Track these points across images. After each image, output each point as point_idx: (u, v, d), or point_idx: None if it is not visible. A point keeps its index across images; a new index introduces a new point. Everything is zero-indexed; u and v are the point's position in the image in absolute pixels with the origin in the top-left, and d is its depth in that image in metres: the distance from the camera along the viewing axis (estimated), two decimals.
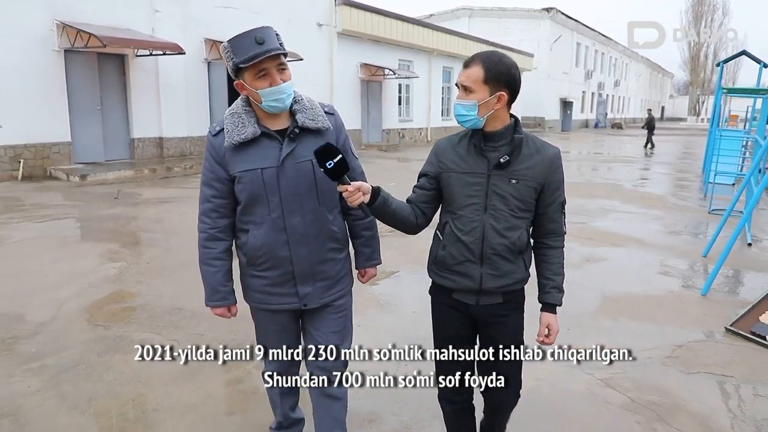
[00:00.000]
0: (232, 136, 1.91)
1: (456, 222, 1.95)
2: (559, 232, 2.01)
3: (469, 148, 1.93)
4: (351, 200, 1.79)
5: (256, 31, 1.81)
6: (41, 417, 2.79)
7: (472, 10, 38.28)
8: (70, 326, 3.93)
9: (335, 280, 2.11)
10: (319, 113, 2.00)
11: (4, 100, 10.23)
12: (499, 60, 1.85)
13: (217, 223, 2.02)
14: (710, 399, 3.13)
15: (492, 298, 1.97)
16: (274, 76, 1.85)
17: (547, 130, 36.92)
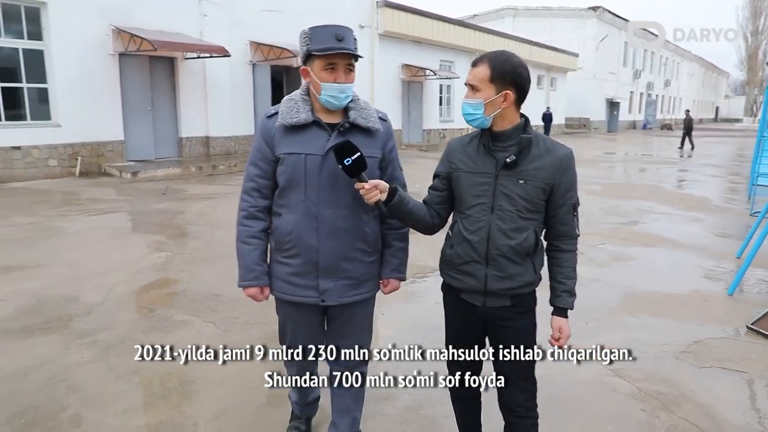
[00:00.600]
0: (285, 117, 1.97)
1: (464, 222, 1.96)
2: (571, 234, 1.98)
3: (478, 148, 1.94)
4: (367, 198, 1.84)
5: (339, 28, 1.89)
6: (92, 384, 3.12)
7: (517, 10, 37.96)
8: (119, 307, 4.30)
9: (359, 282, 2.11)
10: (373, 114, 2.05)
11: (65, 101, 10.93)
12: (505, 59, 1.85)
13: (258, 202, 2.06)
14: (719, 392, 3.20)
15: (499, 300, 1.95)
16: (340, 73, 1.91)
17: (593, 131, 36.26)
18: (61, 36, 10.69)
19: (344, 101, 1.97)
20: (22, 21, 10.43)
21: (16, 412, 2.81)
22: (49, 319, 4.03)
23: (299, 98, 2.01)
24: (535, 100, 28.84)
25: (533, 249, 1.92)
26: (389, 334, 3.93)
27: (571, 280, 1.98)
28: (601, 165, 16.35)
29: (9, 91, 10.49)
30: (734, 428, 2.83)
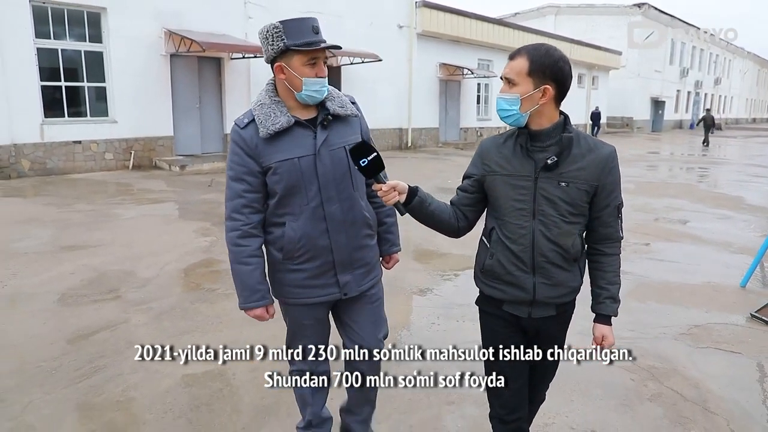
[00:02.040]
0: (265, 126, 1.88)
1: (503, 229, 1.84)
2: (614, 237, 1.87)
3: (515, 148, 1.82)
4: (386, 199, 1.76)
5: (311, 20, 1.84)
6: (147, 341, 3.56)
7: (559, 8, 37.59)
8: (169, 282, 4.83)
9: (370, 267, 2.11)
10: (346, 101, 2.02)
11: (121, 99, 11.72)
12: (546, 52, 1.74)
13: (250, 219, 1.95)
14: (709, 368, 3.46)
15: (545, 311, 1.87)
16: (321, 67, 1.87)
17: (636, 131, 35.63)
18: (118, 38, 11.48)
19: (323, 96, 1.93)
20: (85, 25, 11.26)
21: (86, 360, 3.33)
22: (110, 289, 4.59)
23: (270, 101, 1.93)
24: (575, 99, 28.62)
25: (580, 254, 1.86)
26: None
27: (614, 286, 1.88)
28: (638, 164, 16.25)
29: (71, 90, 11.34)
30: (717, 399, 3.09)
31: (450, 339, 3.78)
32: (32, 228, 6.69)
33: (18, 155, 10.45)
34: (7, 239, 6.10)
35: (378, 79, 16.97)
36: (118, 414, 2.79)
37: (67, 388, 3.00)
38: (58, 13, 10.87)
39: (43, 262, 5.30)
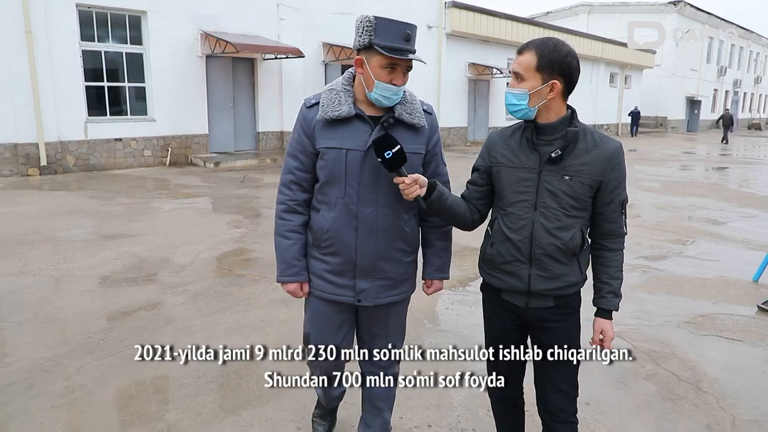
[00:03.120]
0: (326, 110, 1.88)
1: (504, 219, 1.87)
2: (618, 233, 1.88)
3: (521, 141, 1.85)
4: (407, 193, 1.78)
5: (407, 26, 1.79)
6: (183, 318, 3.98)
7: (592, 6, 37.15)
8: (203, 268, 5.19)
9: (396, 282, 2.04)
10: (418, 110, 1.96)
11: (159, 98, 12.27)
12: (554, 47, 1.74)
13: (297, 195, 1.98)
14: (708, 353, 3.63)
15: (542, 301, 1.87)
16: (399, 75, 1.84)
17: (670, 131, 35.01)
18: (157, 40, 12.01)
19: (394, 102, 1.89)
20: (126, 28, 11.83)
21: (129, 333, 3.70)
22: (149, 273, 4.98)
23: (341, 88, 1.93)
24: (607, 99, 28.33)
25: (579, 248, 1.85)
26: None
27: (616, 281, 1.89)
28: (667, 163, 16.12)
29: (113, 89, 11.92)
30: (711, 380, 3.27)
31: (462, 322, 4.03)
32: (78, 219, 7.17)
33: (64, 152, 11.05)
34: (55, 228, 6.58)
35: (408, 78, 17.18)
36: (159, 378, 3.13)
37: (113, 356, 3.36)
38: (101, 16, 11.46)
39: (89, 249, 5.74)
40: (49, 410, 2.76)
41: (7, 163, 10.43)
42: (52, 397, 2.87)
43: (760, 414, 2.92)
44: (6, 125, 10.26)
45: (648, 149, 20.94)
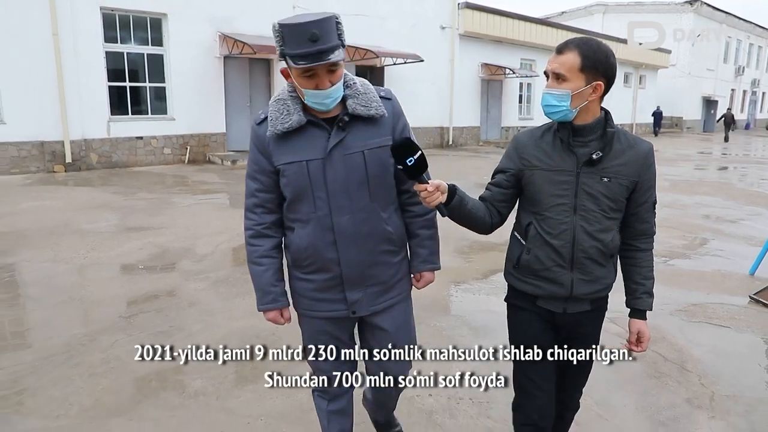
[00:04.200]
0: (275, 125, 1.75)
1: (542, 224, 1.82)
2: (649, 233, 1.89)
3: (554, 142, 1.80)
4: (429, 200, 1.67)
5: (312, 25, 1.59)
6: (205, 302, 4.29)
7: (607, 6, 37.06)
8: (223, 257, 5.51)
9: (388, 286, 1.93)
10: (374, 98, 1.80)
11: (179, 98, 12.66)
12: (597, 47, 1.71)
13: (263, 219, 1.86)
14: (696, 337, 3.85)
15: (580, 306, 1.86)
16: (322, 78, 1.67)
17: (685, 131, 34.85)
18: (177, 42, 12.41)
19: (332, 104, 1.74)
20: (148, 30, 12.24)
21: (156, 313, 4.02)
22: (173, 261, 5.30)
23: (287, 96, 1.79)
24: (621, 99, 28.33)
25: (617, 249, 1.86)
26: None
27: (650, 281, 1.90)
28: (679, 163, 16.19)
29: (134, 89, 12.34)
30: (695, 361, 3.50)
31: (464, 307, 4.29)
32: (103, 213, 7.54)
33: (87, 149, 11.48)
34: (82, 221, 6.94)
35: (420, 78, 17.47)
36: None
37: (143, 333, 3.68)
38: (124, 19, 11.87)
39: (115, 240, 6.09)
40: (89, 377, 3.08)
41: (34, 160, 10.87)
42: (90, 366, 3.19)
43: (738, 390, 3.14)
44: (33, 124, 10.70)
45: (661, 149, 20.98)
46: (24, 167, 10.73)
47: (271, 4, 13.75)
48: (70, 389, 2.95)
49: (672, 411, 2.92)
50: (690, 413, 2.91)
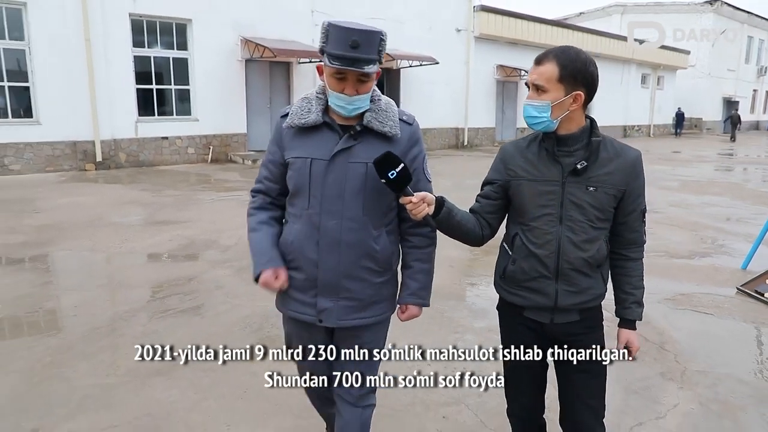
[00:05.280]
0: (293, 119, 1.84)
1: (528, 234, 1.82)
2: (639, 242, 1.87)
3: (539, 153, 1.80)
4: (415, 212, 1.69)
5: (357, 33, 1.67)
6: (231, 286, 4.73)
7: (625, 7, 36.96)
8: (245, 248, 5.84)
9: (363, 304, 1.89)
10: (392, 118, 1.84)
11: (202, 100, 13.21)
12: (575, 56, 1.70)
13: (264, 200, 1.95)
14: (678, 322, 4.18)
15: (567, 316, 1.84)
16: (350, 85, 1.73)
17: (705, 132, 34.67)
18: (201, 46, 12.96)
19: (353, 112, 1.78)
20: (173, 35, 12.80)
21: (187, 295, 4.46)
22: (200, 251, 5.77)
23: (313, 96, 1.88)
24: (638, 100, 28.36)
25: (604, 260, 1.83)
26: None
27: (639, 290, 1.88)
28: (692, 164, 16.32)
29: (160, 92, 12.92)
30: (674, 342, 3.83)
31: (466, 293, 4.66)
32: (133, 208, 8.05)
33: (116, 149, 12.07)
34: (115, 215, 7.46)
35: (436, 80, 17.84)
36: (215, 327, 3.87)
37: (176, 311, 4.13)
38: (151, 25, 12.45)
39: (146, 232, 6.57)
40: (132, 345, 3.52)
41: (67, 158, 11.48)
42: (133, 337, 3.64)
43: (709, 367, 3.48)
44: (67, 125, 11.30)
45: (676, 150, 21.04)
46: (58, 165, 11.35)
47: (291, 10, 14.27)
48: (117, 355, 3.40)
49: (645, 382, 3.26)
50: (661, 384, 3.26)
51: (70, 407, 2.81)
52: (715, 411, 2.99)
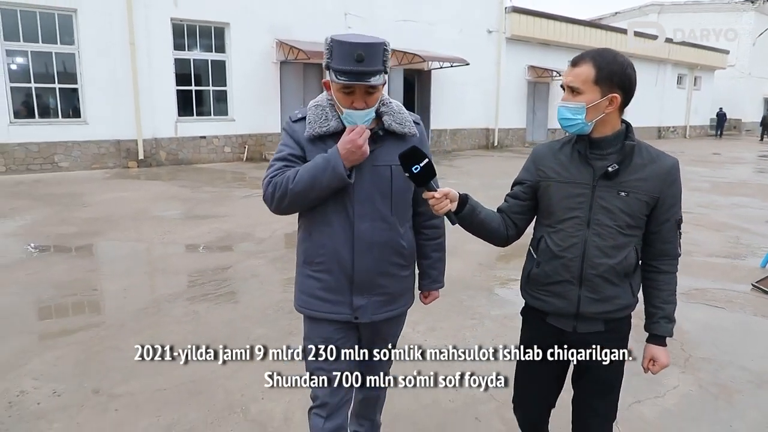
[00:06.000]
0: (313, 127, 1.82)
1: (553, 236, 1.79)
2: (672, 254, 1.80)
3: (572, 155, 1.77)
4: (437, 208, 1.68)
5: (361, 46, 1.69)
6: (264, 274, 5.08)
7: (662, 6, 36.35)
8: (279, 241, 6.32)
9: (393, 297, 1.98)
10: (407, 119, 1.90)
11: (239, 101, 13.72)
12: (612, 58, 1.67)
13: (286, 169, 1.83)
14: (689, 314, 4.33)
15: (591, 326, 1.79)
16: (359, 98, 1.75)
17: (744, 134, 33.84)
18: (238, 49, 13.47)
19: (365, 123, 1.80)
20: (212, 38, 13.35)
21: (224, 281, 4.83)
22: (236, 243, 6.16)
23: (326, 103, 1.87)
24: (674, 100, 27.91)
25: (633, 269, 1.76)
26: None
27: (670, 305, 1.82)
28: (726, 165, 16.09)
29: (198, 93, 13.49)
30: (683, 332, 3.97)
31: (484, 283, 4.91)
32: (174, 203, 8.53)
33: (157, 147, 12.65)
34: (157, 209, 7.93)
35: (467, 81, 18.02)
36: (250, 310, 4.22)
37: (214, 295, 4.49)
38: (191, 28, 13.01)
39: (186, 225, 7.01)
40: (176, 324, 3.90)
41: (111, 156, 12.11)
42: (176, 316, 4.02)
43: (712, 354, 3.65)
44: (111, 124, 11.93)
45: (715, 151, 20.71)
46: (103, 163, 11.99)
47: (325, 13, 14.67)
48: (164, 332, 3.78)
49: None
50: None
51: (124, 373, 3.18)
52: (713, 393, 3.18)
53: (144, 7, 11.90)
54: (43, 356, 3.39)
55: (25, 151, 11.15)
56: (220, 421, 2.75)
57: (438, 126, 17.80)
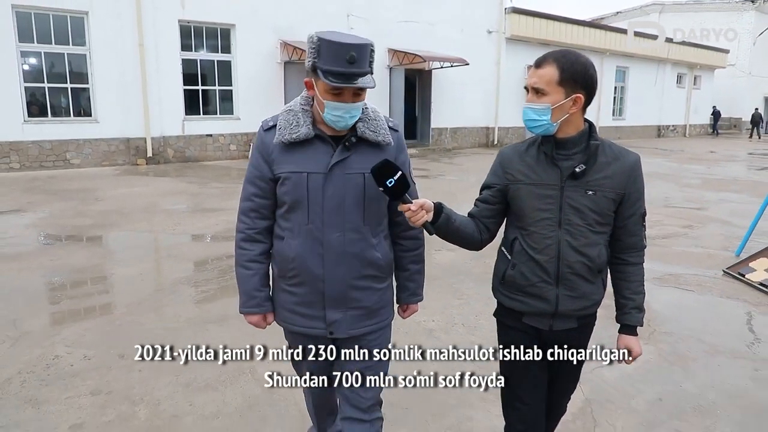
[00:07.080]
0: (283, 134, 1.78)
1: (527, 239, 1.81)
2: (639, 246, 1.86)
3: (538, 156, 1.80)
4: (414, 220, 1.68)
5: (353, 47, 1.64)
6: None
7: (663, 6, 36.60)
8: None
9: (371, 311, 1.92)
10: (382, 126, 1.85)
11: (244, 100, 14.14)
12: (575, 59, 1.71)
13: (255, 224, 1.90)
14: (660, 296, 4.70)
15: (566, 323, 1.85)
16: (347, 99, 1.72)
17: (744, 132, 34.05)
18: (243, 49, 13.88)
19: (350, 122, 1.77)
20: (218, 39, 13.77)
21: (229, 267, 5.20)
22: None
23: (299, 109, 1.83)
24: (674, 100, 28.17)
25: (605, 264, 1.83)
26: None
27: (639, 296, 1.89)
28: (720, 163, 16.42)
29: (205, 92, 13.91)
30: (653, 312, 4.34)
31: (473, 270, 5.29)
32: (182, 197, 8.94)
33: (165, 145, 13.08)
34: (167, 203, 8.35)
35: (467, 81, 18.38)
36: None
37: (225, 278, 4.89)
38: (198, 30, 13.42)
39: (195, 218, 7.41)
40: (192, 303, 4.31)
41: (121, 154, 12.54)
42: (191, 296, 4.43)
43: (676, 329, 4.03)
44: (121, 123, 12.37)
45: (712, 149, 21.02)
46: (113, 160, 12.42)
47: (328, 14, 15.06)
48: (179, 308, 4.18)
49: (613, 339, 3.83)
50: None
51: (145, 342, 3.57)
52: (670, 360, 3.56)
53: (152, 9, 12.32)
54: (72, 328, 3.80)
55: (39, 149, 11.59)
56: (232, 380, 3.14)
57: (439, 124, 18.19)
